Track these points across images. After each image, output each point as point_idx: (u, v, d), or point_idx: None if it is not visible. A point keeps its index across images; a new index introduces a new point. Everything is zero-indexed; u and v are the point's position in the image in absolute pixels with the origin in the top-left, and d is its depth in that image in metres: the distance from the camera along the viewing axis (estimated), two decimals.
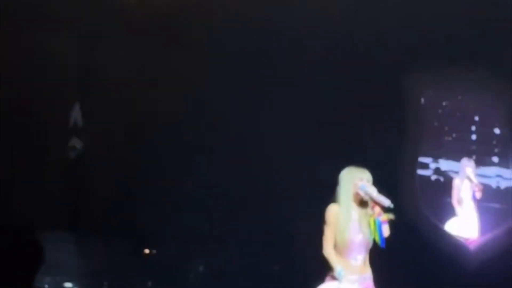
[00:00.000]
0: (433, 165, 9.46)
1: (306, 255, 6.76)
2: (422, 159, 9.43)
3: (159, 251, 8.92)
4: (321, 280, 5.21)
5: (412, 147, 9.21)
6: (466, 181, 9.21)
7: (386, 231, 5.18)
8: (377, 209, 5.16)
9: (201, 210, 8.57)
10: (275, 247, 8.52)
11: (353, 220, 5.18)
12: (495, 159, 9.57)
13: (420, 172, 9.42)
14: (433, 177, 9.49)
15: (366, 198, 5.21)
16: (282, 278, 8.49)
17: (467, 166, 9.24)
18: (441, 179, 9.48)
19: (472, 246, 9.26)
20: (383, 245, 5.09)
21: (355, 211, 5.23)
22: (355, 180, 5.21)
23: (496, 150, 9.57)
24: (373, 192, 5.19)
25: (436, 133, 9.51)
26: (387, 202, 5.13)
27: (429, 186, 9.43)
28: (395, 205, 5.24)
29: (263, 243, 8.52)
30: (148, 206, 8.58)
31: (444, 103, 9.60)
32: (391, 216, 5.16)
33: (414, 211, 8.78)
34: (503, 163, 9.52)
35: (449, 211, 9.30)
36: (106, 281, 8.58)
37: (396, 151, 8.88)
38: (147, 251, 8.87)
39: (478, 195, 9.11)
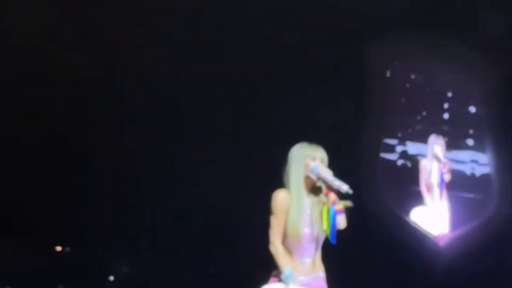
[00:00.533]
0: (399, 148, 8.96)
1: (247, 251, 6.73)
2: (387, 141, 8.96)
3: (74, 250, 8.43)
4: (265, 280, 4.70)
5: (375, 127, 8.76)
6: (435, 163, 8.74)
7: (342, 222, 4.65)
8: (332, 196, 4.58)
9: (126, 203, 8.16)
10: (211, 243, 8.21)
11: (304, 210, 4.66)
12: (470, 141, 9.04)
13: (384, 155, 8.93)
14: (399, 162, 8.95)
15: (319, 183, 4.65)
16: (221, 278, 8.16)
17: (436, 144, 8.76)
18: (409, 164, 8.93)
19: (442, 243, 8.76)
20: (333, 241, 4.60)
21: (307, 199, 4.69)
22: (306, 160, 4.67)
23: (471, 132, 9.03)
24: (328, 175, 4.62)
25: (403, 111, 9.01)
26: (344, 187, 4.56)
27: (394, 172, 8.89)
28: (354, 195, 4.81)
29: (197, 238, 8.19)
30: (61, 199, 8.09)
31: (412, 76, 9.07)
32: (348, 203, 4.64)
33: (376, 202, 8.39)
34: (478, 147, 9.01)
35: (416, 202, 8.82)
36: (9, 285, 8.07)
37: (356, 131, 8.48)
38: (58, 248, 8.37)
39: (447, 177, 8.65)
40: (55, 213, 7.98)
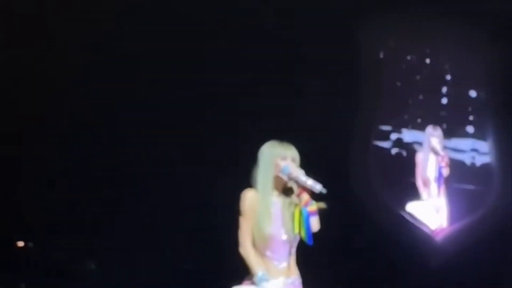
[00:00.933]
0: (394, 136, 8.83)
1: (219, 252, 6.70)
2: (380, 128, 8.83)
3: (41, 245, 8.20)
4: (238, 281, 4.67)
5: (368, 113, 8.63)
6: (432, 156, 8.56)
7: (315, 224, 4.60)
8: (305, 196, 4.52)
9: (98, 197, 8.00)
10: (184, 242, 8.10)
11: (274, 211, 4.65)
12: (470, 129, 8.86)
13: (378, 143, 8.81)
14: (394, 151, 8.82)
15: (290, 183, 4.64)
16: (194, 278, 8.05)
17: (433, 136, 8.56)
18: (404, 153, 8.80)
19: (439, 238, 8.60)
20: (310, 242, 4.55)
21: (277, 200, 4.68)
22: (276, 160, 4.68)
23: (471, 118, 8.85)
24: (299, 175, 4.59)
25: (399, 95, 8.87)
26: (317, 187, 4.49)
27: (388, 162, 8.78)
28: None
29: (170, 237, 8.07)
30: (25, 193, 7.89)
31: (408, 58, 8.93)
32: (322, 205, 4.58)
33: (368, 194, 8.29)
34: (479, 135, 8.84)
35: (412, 194, 8.65)
36: None
37: (347, 116, 8.37)
38: (21, 244, 8.20)
39: (446, 171, 8.47)
40: (19, 208, 7.83)
